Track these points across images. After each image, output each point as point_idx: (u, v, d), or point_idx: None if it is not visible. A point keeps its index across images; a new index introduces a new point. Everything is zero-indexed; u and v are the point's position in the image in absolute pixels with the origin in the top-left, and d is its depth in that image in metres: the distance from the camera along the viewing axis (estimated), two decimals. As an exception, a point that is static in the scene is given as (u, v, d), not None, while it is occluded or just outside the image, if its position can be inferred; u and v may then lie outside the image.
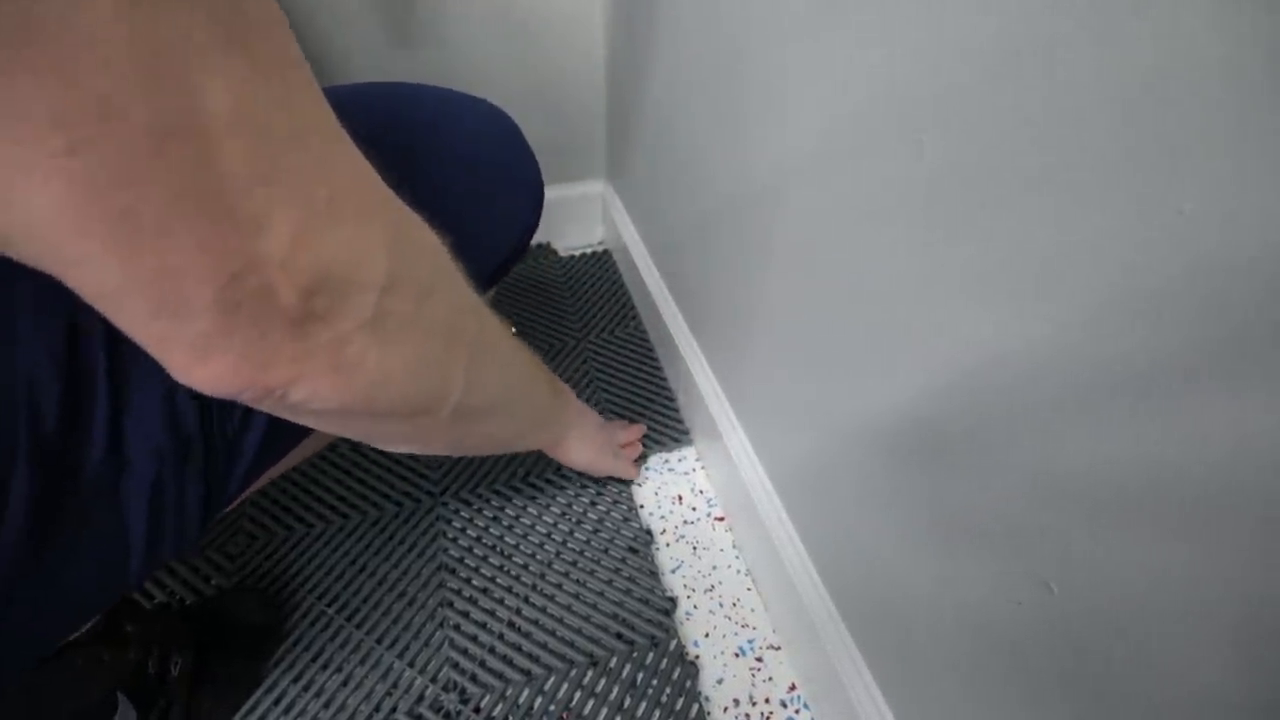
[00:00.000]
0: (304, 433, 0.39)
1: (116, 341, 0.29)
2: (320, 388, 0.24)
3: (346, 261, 0.22)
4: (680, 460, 0.75)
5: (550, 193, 0.97)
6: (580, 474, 0.71)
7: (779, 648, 0.60)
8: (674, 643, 0.59)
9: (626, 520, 0.68)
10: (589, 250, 1.03)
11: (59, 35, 0.15)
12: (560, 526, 0.67)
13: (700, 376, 0.70)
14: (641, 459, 0.74)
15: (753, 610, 0.62)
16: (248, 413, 0.34)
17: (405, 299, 0.25)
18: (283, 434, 0.37)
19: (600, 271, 0.98)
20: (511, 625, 0.60)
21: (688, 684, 0.56)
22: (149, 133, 0.17)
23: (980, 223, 0.29)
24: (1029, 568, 0.31)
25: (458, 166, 0.47)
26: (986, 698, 0.36)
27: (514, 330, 0.40)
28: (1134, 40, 0.21)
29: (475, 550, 0.65)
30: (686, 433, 0.77)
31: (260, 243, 0.20)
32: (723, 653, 0.59)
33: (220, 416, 0.33)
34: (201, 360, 0.21)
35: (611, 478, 0.71)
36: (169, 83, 0.17)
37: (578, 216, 1.01)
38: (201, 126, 0.18)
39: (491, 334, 0.35)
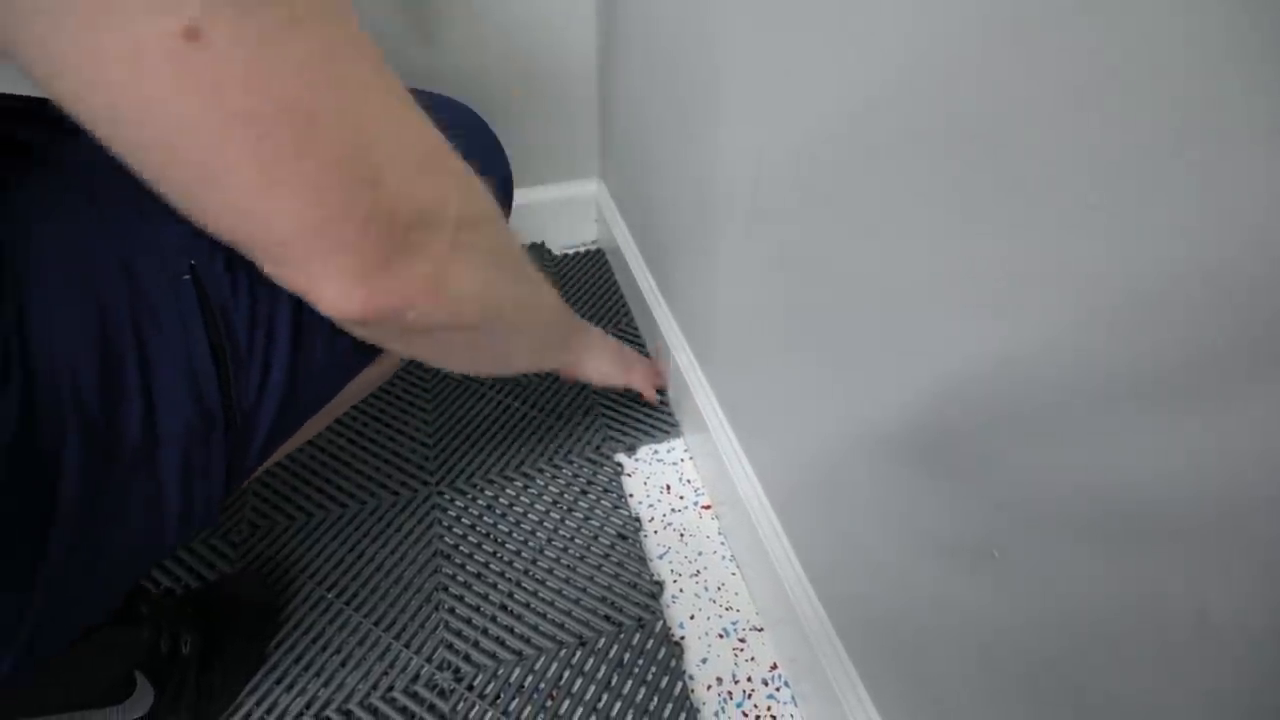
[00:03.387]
0: (312, 408, 0.42)
1: (139, 322, 0.31)
2: (426, 308, 0.30)
3: (433, 201, 0.28)
4: (669, 451, 0.77)
5: (543, 192, 0.99)
6: (569, 461, 0.74)
7: (761, 629, 0.62)
8: (660, 624, 0.61)
9: (615, 508, 0.70)
10: (582, 249, 1.05)
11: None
12: (551, 515, 0.70)
13: (689, 374, 0.72)
14: (661, 393, 0.80)
15: (737, 594, 0.65)
16: (261, 388, 0.36)
17: (472, 230, 0.31)
18: (293, 409, 0.39)
19: (593, 270, 1.01)
20: (504, 608, 0.62)
21: (673, 663, 0.59)
22: (310, 121, 0.23)
23: (972, 224, 0.29)
24: (993, 539, 0.32)
25: None
26: (957, 675, 0.38)
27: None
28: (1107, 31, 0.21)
29: (469, 538, 0.68)
30: (676, 425, 0.79)
31: (378, 193, 0.26)
32: (707, 634, 0.62)
33: (238, 392, 0.35)
34: (349, 295, 0.27)
35: (628, 397, 0.81)
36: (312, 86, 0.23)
37: (571, 216, 1.03)
38: (342, 109, 0.24)
39: (522, 254, 0.42)
